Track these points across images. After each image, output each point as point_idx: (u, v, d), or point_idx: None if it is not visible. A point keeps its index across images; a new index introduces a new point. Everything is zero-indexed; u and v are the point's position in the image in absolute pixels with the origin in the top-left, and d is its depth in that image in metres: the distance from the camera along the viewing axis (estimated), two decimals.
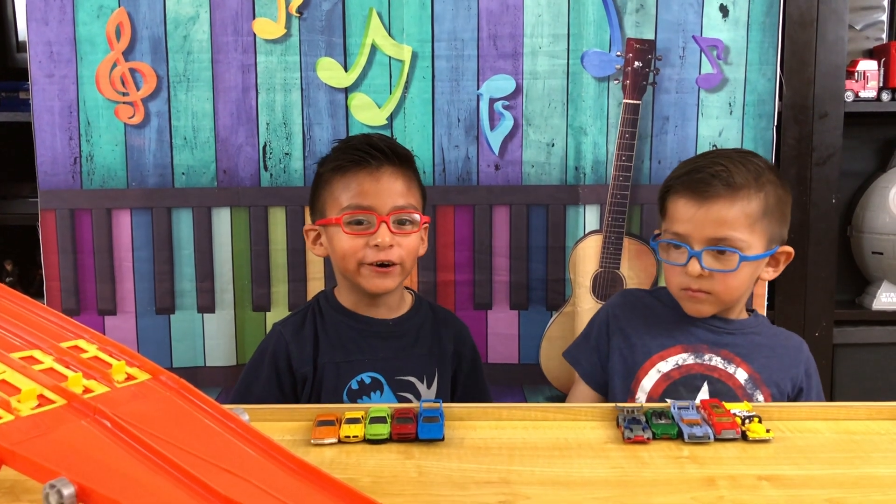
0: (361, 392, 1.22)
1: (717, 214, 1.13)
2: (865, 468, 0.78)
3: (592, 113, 1.55)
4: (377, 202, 1.19)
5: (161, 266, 1.58)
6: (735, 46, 1.55)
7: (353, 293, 1.26)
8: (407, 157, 1.26)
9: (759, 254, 1.16)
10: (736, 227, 1.13)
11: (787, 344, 1.24)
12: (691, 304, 1.19)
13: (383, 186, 1.20)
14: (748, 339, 1.21)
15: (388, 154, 1.22)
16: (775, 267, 1.21)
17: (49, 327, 0.66)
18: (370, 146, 1.22)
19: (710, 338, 1.20)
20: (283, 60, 1.54)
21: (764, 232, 1.16)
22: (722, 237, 1.13)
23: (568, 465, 0.78)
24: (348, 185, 1.21)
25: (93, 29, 1.52)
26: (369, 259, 1.19)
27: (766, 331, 1.25)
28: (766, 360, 1.20)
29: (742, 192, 1.14)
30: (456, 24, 1.54)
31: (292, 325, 1.27)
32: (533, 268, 1.61)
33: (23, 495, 0.70)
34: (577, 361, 1.31)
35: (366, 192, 1.20)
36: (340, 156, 1.24)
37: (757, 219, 1.15)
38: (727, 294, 1.17)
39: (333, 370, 1.22)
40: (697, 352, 1.20)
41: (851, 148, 1.81)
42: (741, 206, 1.14)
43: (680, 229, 1.16)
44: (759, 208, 1.15)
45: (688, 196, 1.16)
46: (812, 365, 1.24)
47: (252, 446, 0.56)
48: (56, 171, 1.55)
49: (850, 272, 1.89)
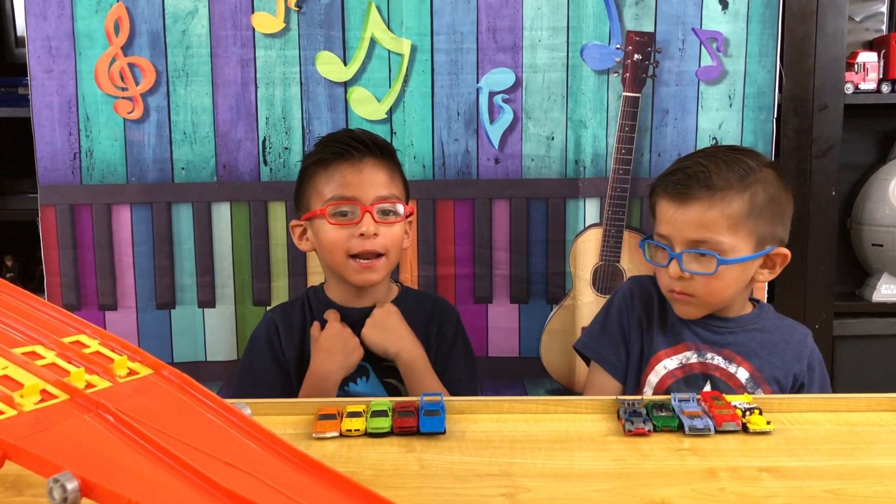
0: (347, 379, 1.23)
1: (694, 216, 1.12)
2: (866, 459, 0.78)
3: (592, 106, 1.55)
4: (360, 192, 1.20)
5: (161, 261, 1.58)
6: (735, 39, 1.54)
7: (341, 287, 1.27)
8: (388, 149, 1.27)
9: (744, 256, 1.12)
10: (715, 230, 1.11)
11: (789, 338, 1.22)
12: (679, 306, 1.19)
13: (366, 177, 1.21)
14: (750, 336, 1.20)
15: (370, 146, 1.23)
16: (771, 269, 1.18)
17: (50, 322, 0.66)
18: (351, 138, 1.23)
19: (712, 337, 1.19)
20: (283, 55, 1.54)
21: (750, 233, 1.12)
22: (701, 239, 1.12)
23: (569, 457, 0.79)
24: (331, 177, 1.21)
25: (91, 24, 1.51)
26: (355, 249, 1.20)
27: (769, 324, 1.22)
28: (768, 357, 1.18)
29: (720, 193, 1.11)
30: (455, 17, 1.53)
31: (281, 311, 1.30)
32: (533, 261, 1.61)
33: (26, 490, 0.71)
34: (599, 355, 1.25)
35: (349, 182, 1.21)
36: (322, 149, 1.25)
37: (740, 220, 1.11)
38: (710, 297, 1.15)
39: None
40: (700, 350, 1.19)
41: (851, 140, 1.81)
42: (720, 208, 1.11)
43: (662, 230, 1.16)
44: (743, 209, 1.12)
45: (668, 197, 1.15)
46: (816, 357, 1.22)
47: (254, 440, 0.56)
48: (56, 166, 1.55)
49: (850, 264, 1.89)
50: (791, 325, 1.26)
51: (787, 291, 1.69)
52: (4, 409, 0.53)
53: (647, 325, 1.23)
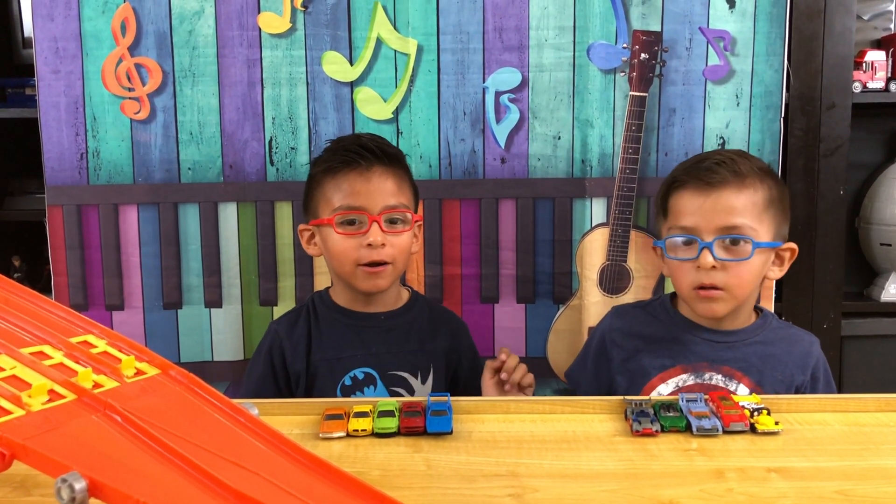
0: (355, 388, 1.23)
1: (725, 202, 1.12)
2: (874, 460, 0.78)
3: (599, 105, 1.55)
4: (368, 202, 1.20)
5: (168, 261, 1.58)
6: (742, 38, 1.54)
7: (348, 292, 1.27)
8: (397, 157, 1.27)
9: (770, 241, 1.14)
10: (745, 215, 1.12)
11: (792, 349, 1.19)
12: (705, 304, 1.14)
13: (374, 186, 1.21)
14: (751, 349, 1.18)
15: (378, 154, 1.23)
16: (780, 266, 1.18)
17: (58, 323, 0.66)
18: (360, 147, 1.23)
19: (710, 354, 1.17)
20: (289, 55, 1.54)
21: (771, 224, 1.14)
22: (733, 225, 1.11)
23: (576, 457, 0.78)
24: (339, 185, 1.22)
25: (98, 24, 1.52)
26: (363, 259, 1.20)
27: (772, 335, 1.20)
28: (769, 371, 1.16)
29: (748, 180, 1.13)
30: (461, 16, 1.53)
31: (286, 324, 1.29)
32: (539, 261, 1.61)
33: (34, 490, 0.71)
34: (577, 385, 1.29)
35: (357, 192, 1.21)
36: (331, 157, 1.25)
37: (763, 209, 1.14)
38: (740, 288, 1.13)
39: (327, 367, 1.24)
40: (697, 371, 1.17)
41: (859, 139, 1.80)
42: (748, 195, 1.13)
43: (688, 222, 1.14)
44: (765, 199, 1.14)
45: (694, 186, 1.14)
46: (822, 366, 1.20)
47: (261, 440, 0.56)
48: (63, 166, 1.55)
49: (859, 264, 1.88)
50: (797, 334, 1.24)
51: (795, 291, 1.69)
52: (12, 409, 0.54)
53: (633, 356, 1.21)
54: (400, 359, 1.26)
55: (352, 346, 1.25)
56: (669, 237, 1.17)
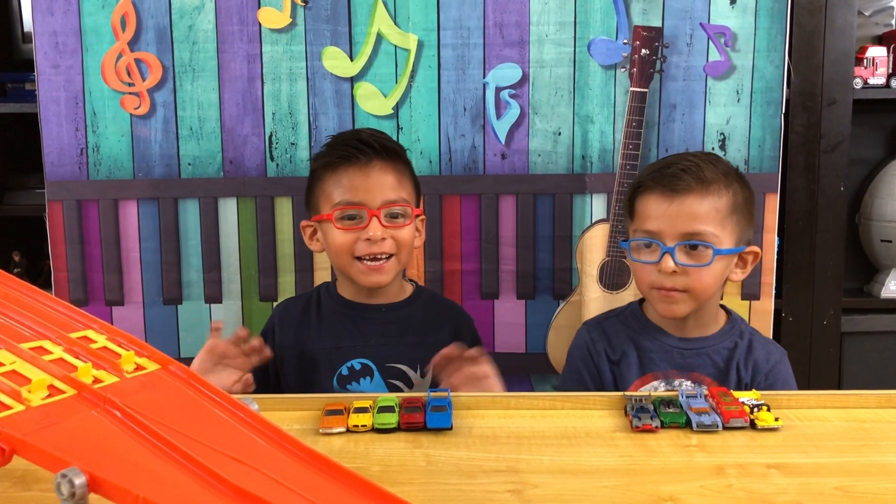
0: (351, 378, 1.23)
1: (689, 209, 1.13)
2: (875, 456, 0.78)
3: (599, 101, 1.55)
4: (367, 197, 1.21)
5: (168, 256, 1.58)
6: (743, 33, 1.54)
7: (352, 285, 1.28)
8: (397, 151, 1.27)
9: (731, 248, 1.15)
10: (708, 222, 1.13)
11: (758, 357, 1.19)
12: (665, 304, 1.16)
13: (373, 181, 1.21)
14: (719, 356, 1.18)
15: (378, 149, 1.23)
16: (743, 268, 1.20)
17: (58, 318, 0.66)
18: (359, 141, 1.23)
19: (679, 361, 1.18)
20: (289, 50, 1.54)
21: (734, 229, 1.16)
22: (694, 231, 1.13)
23: (576, 453, 0.79)
24: (339, 181, 1.22)
25: (98, 19, 1.52)
26: (361, 252, 1.20)
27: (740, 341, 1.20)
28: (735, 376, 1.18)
29: (712, 186, 1.14)
30: (462, 12, 1.53)
31: (283, 307, 1.33)
32: (540, 257, 1.61)
33: (34, 485, 0.71)
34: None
35: (356, 187, 1.21)
36: (330, 152, 1.26)
37: (727, 215, 1.15)
38: (701, 292, 1.14)
39: (325, 357, 1.25)
40: (668, 377, 1.18)
41: (860, 135, 1.79)
42: (712, 201, 1.14)
43: (652, 226, 1.15)
44: (729, 205, 1.15)
45: (659, 191, 1.15)
46: (780, 378, 1.19)
47: (261, 435, 0.56)
48: (63, 161, 1.55)
49: (859, 260, 1.88)
50: (766, 347, 1.22)
51: (795, 287, 1.69)
52: (12, 405, 0.53)
53: (606, 369, 1.22)
54: (399, 351, 1.26)
55: (350, 336, 1.26)
56: (633, 239, 1.19)
